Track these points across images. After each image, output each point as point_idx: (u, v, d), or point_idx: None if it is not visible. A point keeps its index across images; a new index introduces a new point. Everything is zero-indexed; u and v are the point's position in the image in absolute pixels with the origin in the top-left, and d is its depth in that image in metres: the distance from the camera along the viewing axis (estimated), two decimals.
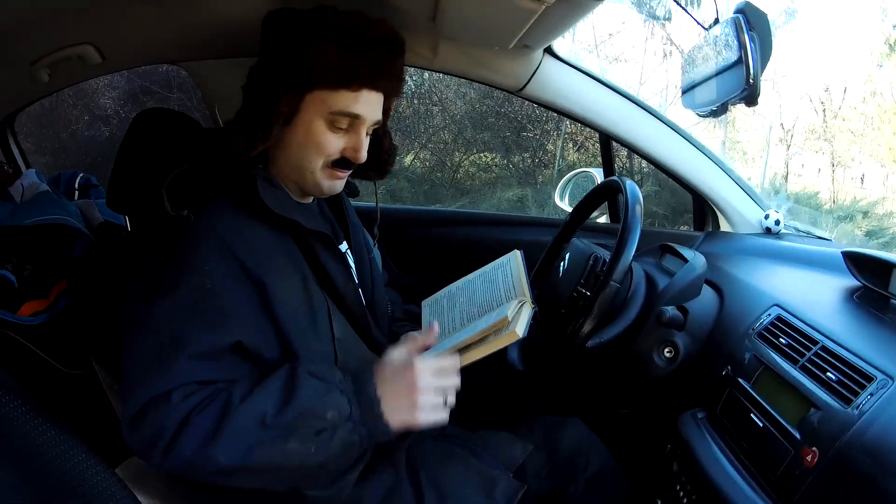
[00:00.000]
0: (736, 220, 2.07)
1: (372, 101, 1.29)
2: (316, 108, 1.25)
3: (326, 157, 1.29)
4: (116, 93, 6.48)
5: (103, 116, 6.43)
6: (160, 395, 1.07)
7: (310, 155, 1.29)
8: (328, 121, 1.26)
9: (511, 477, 1.34)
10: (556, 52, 1.84)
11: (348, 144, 1.29)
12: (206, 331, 1.12)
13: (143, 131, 1.48)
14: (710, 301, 1.55)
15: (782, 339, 1.27)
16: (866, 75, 8.77)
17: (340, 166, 1.31)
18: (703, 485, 1.23)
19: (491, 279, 1.42)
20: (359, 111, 1.27)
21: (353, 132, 1.29)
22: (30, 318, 1.74)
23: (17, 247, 1.79)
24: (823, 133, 8.67)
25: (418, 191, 6.89)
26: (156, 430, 1.06)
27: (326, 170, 1.31)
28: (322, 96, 1.24)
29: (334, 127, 1.27)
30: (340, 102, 1.25)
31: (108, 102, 6.48)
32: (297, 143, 1.28)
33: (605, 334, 1.46)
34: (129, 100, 6.44)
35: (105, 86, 6.40)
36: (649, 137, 1.98)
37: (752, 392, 1.24)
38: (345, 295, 1.32)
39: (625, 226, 1.35)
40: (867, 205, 7.79)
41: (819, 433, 1.05)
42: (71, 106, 6.47)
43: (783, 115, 8.56)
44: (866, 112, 8.78)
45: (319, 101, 1.25)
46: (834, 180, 8.58)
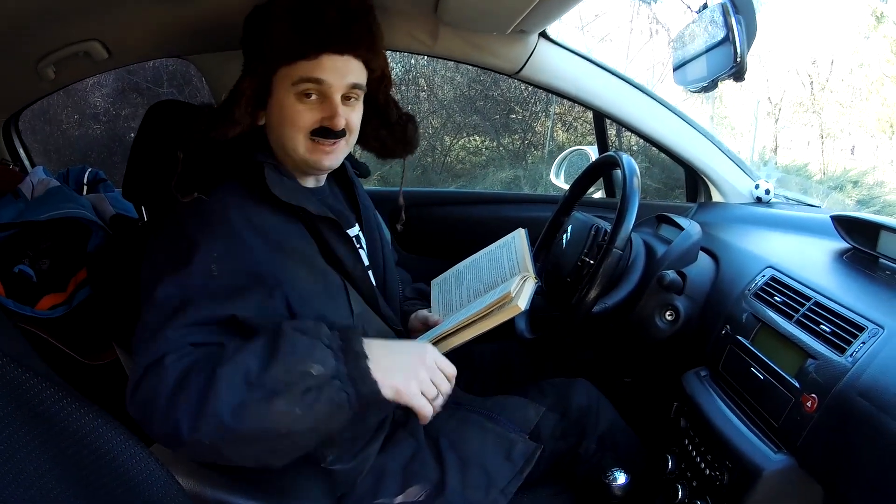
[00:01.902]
0: (727, 191, 2.11)
1: (337, 66, 1.28)
2: (282, 85, 1.28)
3: (304, 129, 1.30)
4: (106, 90, 6.45)
5: (94, 114, 6.41)
6: (155, 360, 1.05)
7: (288, 132, 1.30)
8: (295, 93, 1.27)
9: (527, 438, 1.39)
10: (551, 35, 1.88)
11: (324, 114, 1.29)
12: (206, 303, 1.11)
13: (157, 123, 1.51)
14: (706, 266, 1.61)
15: (777, 298, 1.33)
16: (853, 47, 8.77)
17: (321, 136, 1.30)
18: (711, 437, 1.29)
19: (496, 257, 1.47)
20: (320, 76, 1.27)
21: (325, 100, 1.29)
22: (48, 311, 1.78)
23: (33, 242, 1.82)
24: (812, 105, 8.67)
25: (410, 175, 6.83)
26: (151, 394, 1.03)
27: (309, 143, 1.31)
28: (285, 72, 1.27)
29: (303, 98, 1.28)
30: (299, 71, 1.26)
31: (98, 100, 6.45)
32: (275, 124, 1.31)
33: (609, 300, 1.51)
34: (119, 97, 6.41)
35: (94, 84, 6.36)
36: (642, 114, 2.03)
37: (752, 348, 1.30)
38: (354, 277, 1.35)
39: (624, 196, 1.40)
40: (857, 174, 7.77)
41: (817, 381, 1.11)
42: (61, 106, 6.44)
43: (771, 89, 8.58)
44: (854, 84, 8.79)
45: (285, 78, 1.27)
46: (823, 152, 8.58)
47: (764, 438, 1.20)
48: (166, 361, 1.04)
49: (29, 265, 1.80)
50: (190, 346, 1.08)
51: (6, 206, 1.88)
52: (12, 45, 1.58)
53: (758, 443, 1.19)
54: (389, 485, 1.31)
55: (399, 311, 1.56)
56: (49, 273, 1.82)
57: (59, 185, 2.01)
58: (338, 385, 1.06)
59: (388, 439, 1.37)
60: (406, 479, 1.32)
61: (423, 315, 1.55)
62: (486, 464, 1.34)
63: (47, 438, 0.77)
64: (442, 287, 1.55)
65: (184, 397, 1.01)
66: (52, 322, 1.81)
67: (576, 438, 1.49)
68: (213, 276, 1.14)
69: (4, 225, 1.81)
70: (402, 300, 1.66)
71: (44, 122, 6.34)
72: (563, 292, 1.57)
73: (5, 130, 2.36)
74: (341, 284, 1.31)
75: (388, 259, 1.57)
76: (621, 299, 1.53)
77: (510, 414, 1.46)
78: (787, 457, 1.14)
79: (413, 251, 2.51)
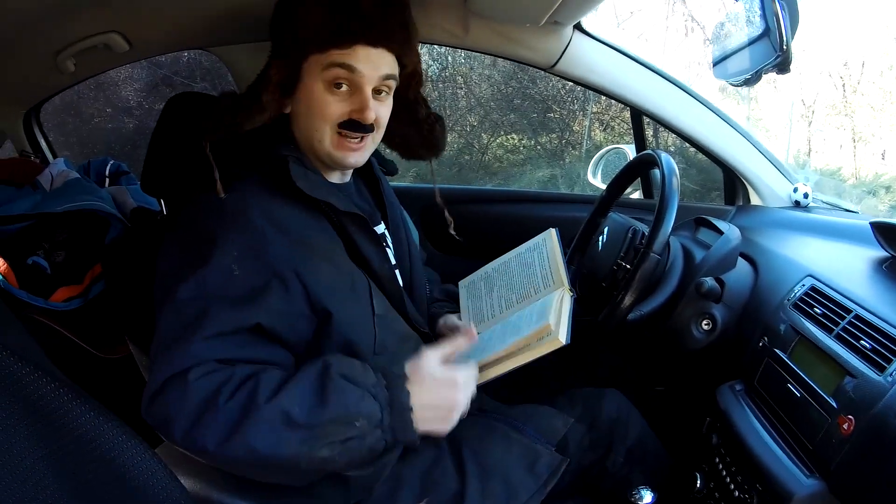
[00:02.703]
0: (766, 194, 2.06)
1: (371, 58, 1.25)
2: (312, 72, 1.24)
3: (332, 121, 1.26)
4: (139, 84, 6.49)
5: (126, 108, 6.44)
6: (178, 373, 1.05)
7: (316, 123, 1.26)
8: (326, 81, 1.24)
9: (553, 451, 1.34)
10: (586, 28, 1.83)
11: (353, 106, 1.25)
12: (228, 311, 1.10)
13: (176, 116, 1.49)
14: (745, 273, 1.55)
15: (817, 309, 1.27)
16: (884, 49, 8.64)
17: (349, 128, 1.27)
18: (743, 456, 1.24)
19: (527, 262, 1.41)
20: (352, 63, 1.23)
21: (356, 92, 1.25)
22: (63, 303, 1.76)
23: (49, 234, 1.81)
24: (844, 108, 8.55)
25: (447, 174, 6.83)
26: (173, 409, 1.04)
27: (336, 137, 1.27)
28: (316, 59, 1.23)
29: (333, 87, 1.24)
30: (332, 57, 1.22)
31: (131, 94, 6.49)
32: (303, 113, 1.28)
33: (644, 307, 1.46)
34: (152, 91, 6.44)
35: (126, 77, 6.40)
36: (680, 112, 1.97)
37: (789, 362, 1.25)
38: (380, 275, 1.31)
39: (663, 197, 1.35)
40: (889, 179, 7.68)
41: (854, 401, 1.05)
42: (92, 99, 6.48)
43: (804, 92, 8.47)
44: (884, 86, 8.65)
45: (315, 64, 1.24)
46: (855, 156, 8.47)
47: (797, 460, 1.14)
48: (190, 377, 1.04)
49: (44, 257, 1.79)
50: (215, 363, 1.07)
51: (24, 197, 1.87)
52: (32, 38, 1.58)
53: (790, 465, 1.14)
54: (407, 493, 1.27)
55: (426, 312, 1.53)
56: (64, 265, 1.81)
57: (78, 176, 2.01)
58: (379, 434, 1.09)
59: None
60: (424, 487, 1.28)
61: (452, 322, 1.50)
62: (509, 475, 1.30)
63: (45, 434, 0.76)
64: (470, 291, 1.51)
65: (211, 419, 1.02)
66: (67, 314, 1.80)
67: (603, 450, 1.44)
68: (233, 275, 1.12)
69: (20, 216, 1.80)
70: (431, 301, 1.62)
71: (75, 116, 6.38)
72: (598, 297, 1.53)
73: (26, 122, 2.36)
74: (366, 283, 1.27)
75: (416, 259, 1.53)
76: (658, 306, 1.47)
77: (537, 424, 1.42)
78: (818, 482, 1.08)
79: (443, 250, 2.47)
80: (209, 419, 1.02)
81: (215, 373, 1.06)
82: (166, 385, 1.04)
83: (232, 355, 1.09)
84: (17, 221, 1.80)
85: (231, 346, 1.09)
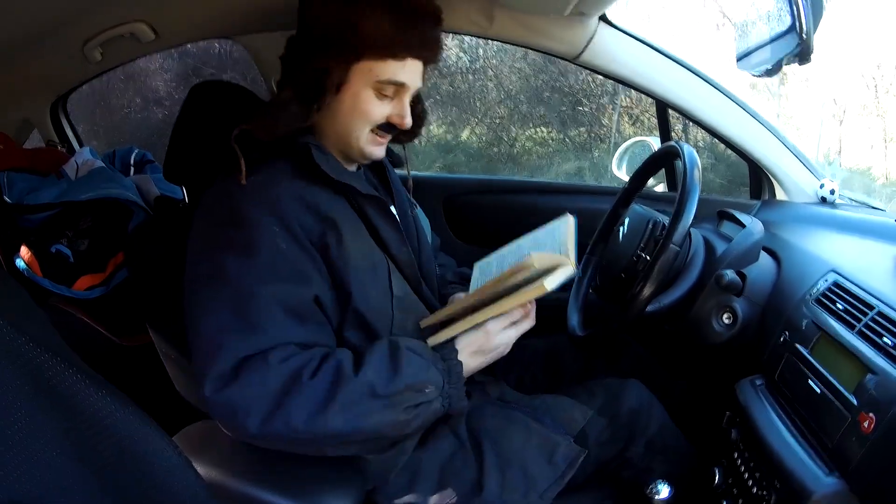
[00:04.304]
0: (791, 189, 2.04)
1: (416, 70, 1.32)
2: (363, 77, 1.28)
3: (373, 123, 1.32)
4: (169, 75, 6.54)
5: (156, 98, 6.50)
6: (255, 354, 1.10)
7: (357, 122, 1.32)
8: (375, 89, 1.29)
9: (571, 442, 1.34)
10: (611, 19, 1.82)
11: (394, 111, 1.33)
12: (289, 286, 1.16)
13: (199, 103, 1.50)
14: (767, 267, 1.53)
15: (839, 305, 1.25)
16: None
17: (384, 130, 1.35)
18: (762, 452, 1.22)
19: (540, 242, 1.40)
20: (405, 80, 1.30)
21: (397, 99, 1.32)
22: (86, 291, 1.80)
23: (72, 222, 1.84)
24: (876, 109, 8.43)
25: (475, 166, 6.83)
26: (254, 392, 1.08)
27: (371, 135, 1.34)
28: (370, 66, 1.27)
29: (381, 94, 1.30)
30: (388, 71, 1.27)
31: (161, 84, 6.54)
32: (344, 112, 1.31)
33: (664, 298, 1.45)
34: (182, 81, 6.49)
35: (158, 68, 6.45)
36: (706, 105, 1.95)
37: (810, 358, 1.22)
38: (399, 258, 1.36)
39: (683, 189, 1.34)
40: None
41: (876, 399, 1.03)
42: (123, 89, 6.54)
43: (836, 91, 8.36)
44: None
45: (367, 70, 1.27)
46: (886, 156, 8.35)
47: (816, 458, 1.12)
48: (270, 360, 1.09)
49: (67, 245, 1.81)
50: (294, 346, 1.14)
51: (49, 186, 1.90)
52: (59, 28, 1.60)
53: (809, 463, 1.11)
54: (425, 482, 1.29)
55: (437, 294, 1.55)
56: (87, 253, 1.83)
57: (102, 165, 2.03)
58: (440, 400, 1.20)
59: (428, 434, 1.34)
60: (443, 477, 1.30)
61: (458, 298, 1.52)
62: (527, 465, 1.30)
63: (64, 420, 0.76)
64: (483, 269, 1.50)
65: (298, 398, 1.09)
66: (90, 302, 1.83)
67: (623, 443, 1.43)
68: (280, 250, 1.17)
69: (45, 205, 1.83)
70: (445, 284, 1.66)
71: (105, 106, 6.44)
72: (618, 288, 1.52)
73: (53, 112, 2.38)
74: (386, 266, 1.32)
75: (424, 242, 1.56)
76: (677, 298, 1.46)
77: (556, 415, 1.42)
78: (838, 480, 1.06)
79: (466, 240, 2.47)
80: (295, 399, 1.08)
81: (294, 357, 1.12)
82: (242, 368, 1.09)
83: (307, 339, 1.16)
84: (42, 210, 1.83)
85: (304, 328, 1.16)
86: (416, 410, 1.16)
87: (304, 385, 1.09)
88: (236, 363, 1.08)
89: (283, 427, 1.08)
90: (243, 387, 1.08)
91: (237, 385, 1.08)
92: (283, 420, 1.08)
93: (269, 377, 1.08)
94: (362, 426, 1.11)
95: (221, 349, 1.09)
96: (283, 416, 1.08)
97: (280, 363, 1.09)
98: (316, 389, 1.09)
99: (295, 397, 1.08)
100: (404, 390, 1.14)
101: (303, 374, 1.10)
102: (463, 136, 7.18)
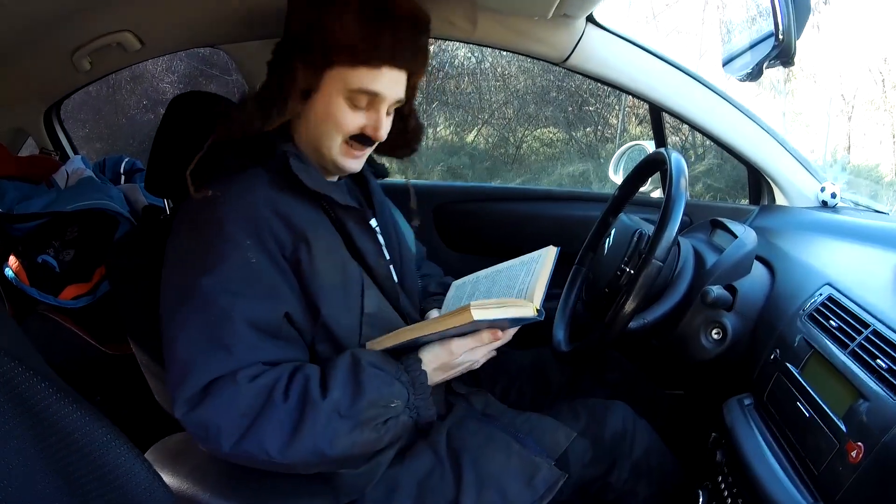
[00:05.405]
0: (791, 193, 2.00)
1: (394, 79, 1.27)
2: (335, 85, 1.25)
3: (345, 133, 1.29)
4: (175, 77, 6.57)
5: (163, 101, 6.53)
6: (225, 375, 1.08)
7: (329, 131, 1.28)
8: (347, 98, 1.26)
9: (552, 465, 1.31)
10: (599, 20, 1.79)
11: (368, 122, 1.29)
12: (258, 303, 1.14)
13: (179, 116, 1.49)
14: (760, 279, 1.49)
15: (833, 322, 1.20)
16: None
17: (359, 142, 1.31)
18: (746, 478, 1.19)
19: (514, 273, 1.37)
20: (378, 89, 1.26)
21: (372, 110, 1.29)
22: (72, 301, 1.81)
23: (59, 232, 1.84)
24: (883, 104, 8.34)
25: (480, 167, 6.84)
26: (224, 412, 1.07)
27: (344, 146, 1.31)
28: (342, 73, 1.23)
29: (353, 104, 1.26)
30: (360, 80, 1.24)
31: (167, 87, 6.57)
32: (316, 120, 1.29)
33: (649, 315, 1.41)
34: (189, 83, 6.51)
35: (164, 70, 6.48)
36: (701, 108, 1.92)
37: (800, 378, 1.18)
38: (376, 270, 1.33)
39: (668, 200, 1.30)
40: None
41: (865, 426, 0.98)
42: (129, 92, 6.57)
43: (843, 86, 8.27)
44: None
45: (339, 79, 1.24)
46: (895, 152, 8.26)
47: (801, 486, 1.08)
48: (239, 379, 1.09)
49: (53, 255, 1.81)
50: (261, 364, 1.13)
51: (39, 195, 1.90)
52: (48, 37, 1.61)
53: (793, 491, 1.08)
54: (402, 498, 1.28)
55: (418, 306, 1.54)
56: (73, 263, 1.83)
57: (91, 175, 2.04)
58: (408, 413, 1.20)
59: (406, 450, 1.33)
60: (420, 493, 1.28)
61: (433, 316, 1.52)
62: (506, 487, 1.27)
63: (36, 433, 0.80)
64: (458, 290, 1.49)
65: (269, 423, 1.09)
66: (76, 311, 1.84)
67: (607, 466, 1.40)
68: (251, 265, 1.16)
69: (33, 214, 1.83)
70: (428, 296, 1.63)
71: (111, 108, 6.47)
72: (602, 303, 1.48)
73: (47, 119, 2.39)
74: (360, 280, 1.30)
75: (406, 254, 1.54)
76: (663, 314, 1.42)
77: (539, 436, 1.39)
78: None
79: (456, 248, 2.44)
80: (267, 422, 1.08)
81: (265, 374, 1.11)
82: (211, 388, 1.08)
83: (275, 357, 1.15)
84: (30, 220, 1.83)
85: (273, 346, 1.16)
86: (384, 427, 1.15)
87: (277, 407, 1.08)
88: (205, 385, 1.08)
89: (257, 449, 1.08)
90: (213, 407, 1.07)
91: (207, 406, 1.07)
92: (256, 442, 1.08)
93: (238, 397, 1.07)
94: (334, 448, 1.10)
95: (191, 371, 1.08)
96: (256, 437, 1.07)
97: (249, 382, 1.08)
98: (287, 413, 1.09)
99: (267, 421, 1.08)
100: (369, 408, 1.13)
101: (274, 393, 1.09)
102: (469, 138, 7.17)
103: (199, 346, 1.10)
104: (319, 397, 1.11)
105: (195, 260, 1.16)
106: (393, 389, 1.17)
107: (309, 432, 1.08)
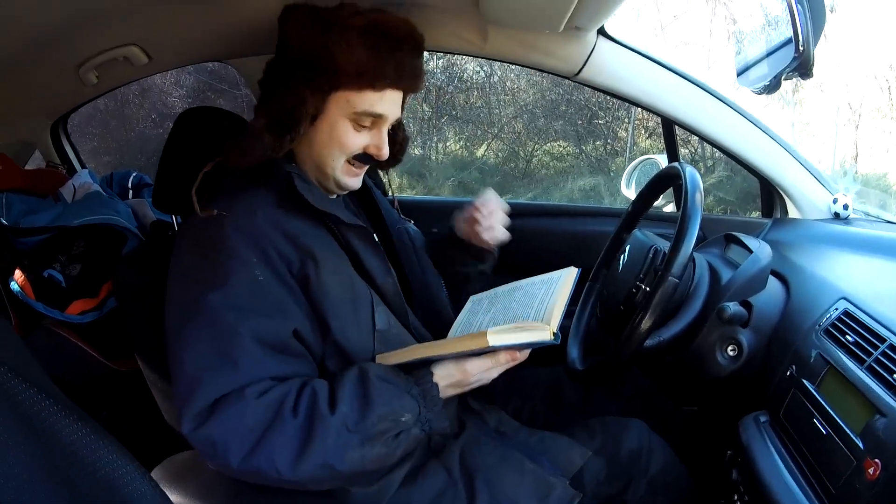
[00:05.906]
0: (804, 206, 1.98)
1: (395, 100, 1.32)
2: (340, 108, 1.28)
3: (349, 153, 1.32)
4: (184, 91, 6.59)
5: (171, 115, 6.55)
6: (233, 390, 1.08)
7: (333, 152, 1.32)
8: (352, 120, 1.29)
9: (567, 484, 1.30)
10: (611, 33, 1.77)
11: (371, 142, 1.33)
12: (266, 319, 1.14)
13: (187, 131, 1.48)
14: (775, 294, 1.47)
15: (849, 337, 1.18)
16: None
17: (360, 161, 1.35)
18: (762, 497, 1.17)
19: (533, 293, 1.36)
20: (383, 111, 1.29)
21: (375, 130, 1.33)
22: (79, 316, 1.79)
23: (65, 246, 1.83)
24: (890, 111, 8.31)
25: (491, 182, 6.83)
26: (232, 428, 1.06)
27: (346, 165, 1.34)
28: (347, 96, 1.27)
29: (358, 125, 1.30)
30: (365, 103, 1.27)
31: (176, 101, 6.60)
32: (320, 141, 1.31)
33: (664, 332, 1.40)
34: (198, 97, 6.54)
35: (172, 84, 6.51)
36: (713, 120, 1.90)
37: (817, 395, 1.16)
38: (383, 289, 1.33)
39: (683, 216, 1.29)
40: None
41: (883, 443, 0.97)
42: (137, 106, 6.59)
43: (850, 95, 8.25)
44: None
45: (344, 101, 1.27)
46: None
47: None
48: (247, 395, 1.08)
49: (59, 270, 1.80)
50: (269, 380, 1.12)
51: (45, 209, 1.90)
52: (54, 51, 1.61)
53: None
54: None
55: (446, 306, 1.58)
56: (80, 278, 1.82)
57: (98, 189, 2.04)
58: (419, 426, 1.17)
59: (419, 469, 1.31)
60: None
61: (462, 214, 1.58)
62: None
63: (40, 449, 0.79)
64: (474, 305, 1.48)
65: (279, 438, 1.07)
66: (83, 326, 1.83)
67: (623, 484, 1.39)
68: (259, 282, 1.16)
69: (39, 228, 1.82)
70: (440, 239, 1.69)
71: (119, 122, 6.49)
72: (617, 320, 1.46)
73: (54, 133, 2.39)
74: (369, 297, 1.30)
75: (423, 262, 1.58)
76: (678, 332, 1.41)
77: (553, 455, 1.38)
78: None
79: None
80: (277, 437, 1.07)
81: (273, 390, 1.10)
82: (219, 404, 1.07)
83: (283, 372, 1.14)
84: (36, 234, 1.82)
85: (280, 361, 1.14)
86: (395, 441, 1.14)
87: (286, 422, 1.08)
88: (213, 401, 1.07)
89: (266, 464, 1.06)
90: (221, 423, 1.06)
91: (215, 422, 1.07)
92: (266, 457, 1.06)
93: (246, 413, 1.07)
94: (344, 464, 1.09)
95: (198, 387, 1.08)
96: (266, 453, 1.06)
97: (257, 398, 1.08)
98: (296, 428, 1.08)
99: (276, 436, 1.07)
100: (379, 422, 1.11)
101: (282, 409, 1.09)
102: (479, 153, 7.17)
103: (206, 361, 1.10)
104: (328, 412, 1.09)
105: (201, 276, 1.17)
106: (403, 402, 1.15)
107: (319, 447, 1.07)
